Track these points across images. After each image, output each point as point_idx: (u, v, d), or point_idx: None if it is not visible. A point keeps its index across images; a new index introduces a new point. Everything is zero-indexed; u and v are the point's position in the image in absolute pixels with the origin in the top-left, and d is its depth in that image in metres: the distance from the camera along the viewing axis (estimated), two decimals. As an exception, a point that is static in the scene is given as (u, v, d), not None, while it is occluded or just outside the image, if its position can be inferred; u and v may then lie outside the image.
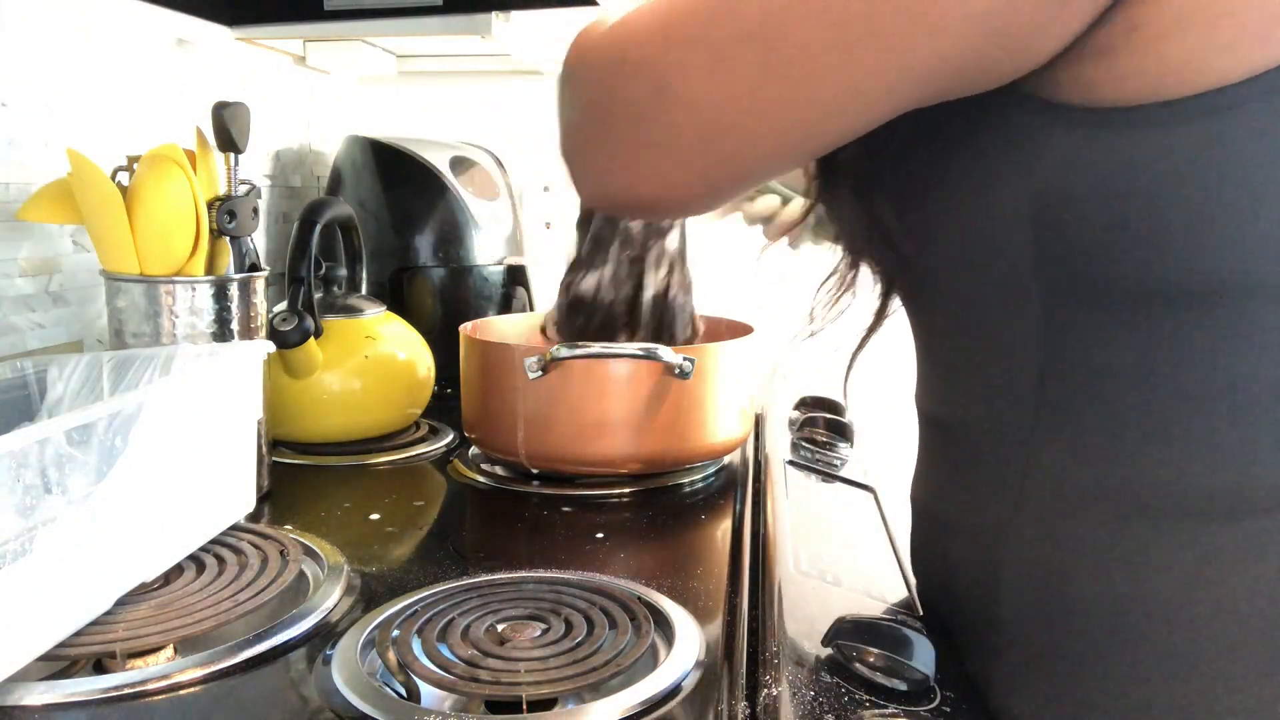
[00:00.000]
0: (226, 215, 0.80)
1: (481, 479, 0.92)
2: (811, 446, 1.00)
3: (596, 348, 0.84)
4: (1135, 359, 0.48)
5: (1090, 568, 0.51)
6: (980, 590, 0.56)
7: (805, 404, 1.12)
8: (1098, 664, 0.51)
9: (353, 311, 1.03)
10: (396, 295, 1.30)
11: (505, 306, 1.36)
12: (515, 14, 1.12)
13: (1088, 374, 0.50)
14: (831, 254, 0.71)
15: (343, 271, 1.07)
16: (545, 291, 1.56)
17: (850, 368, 0.71)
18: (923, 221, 0.56)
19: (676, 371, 0.84)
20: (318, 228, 0.97)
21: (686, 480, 0.91)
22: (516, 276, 1.38)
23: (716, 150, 0.46)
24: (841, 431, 1.04)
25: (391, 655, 0.55)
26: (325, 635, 0.59)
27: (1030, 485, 0.53)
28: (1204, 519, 0.48)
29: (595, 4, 1.11)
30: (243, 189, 0.83)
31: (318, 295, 0.99)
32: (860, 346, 0.68)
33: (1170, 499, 0.48)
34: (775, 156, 0.48)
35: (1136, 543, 0.49)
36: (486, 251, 1.34)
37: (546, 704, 0.51)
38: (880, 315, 0.66)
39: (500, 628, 0.59)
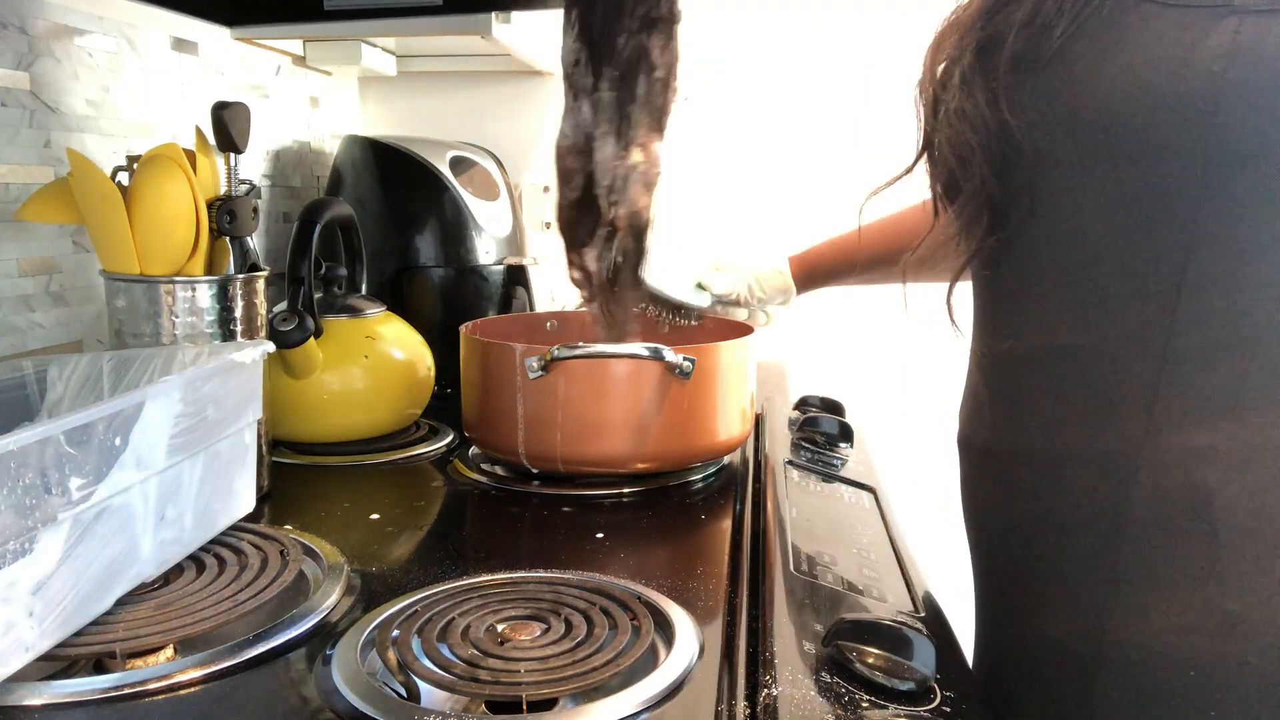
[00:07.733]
0: (226, 215, 0.80)
1: (481, 479, 0.91)
2: (811, 446, 1.00)
3: (597, 348, 0.84)
4: (1268, 268, 0.49)
5: (1232, 475, 0.51)
6: (1103, 517, 0.56)
7: (805, 404, 1.12)
8: (1242, 571, 0.51)
9: (353, 311, 1.03)
10: (396, 295, 1.30)
11: (505, 306, 1.36)
12: (515, 14, 1.13)
13: (1225, 286, 0.50)
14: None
15: (343, 271, 1.07)
16: (545, 291, 1.56)
17: (949, 298, 0.66)
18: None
19: (677, 371, 0.84)
20: (318, 228, 0.97)
21: (686, 480, 0.91)
22: (516, 276, 1.38)
23: None
24: (842, 431, 1.04)
25: (391, 655, 0.55)
26: (325, 635, 0.59)
27: (1162, 404, 0.53)
28: None
29: (595, 4, 1.11)
30: (243, 189, 0.83)
31: (318, 295, 0.99)
32: (959, 273, 0.65)
33: None
34: None
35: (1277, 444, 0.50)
36: (486, 251, 1.34)
37: (546, 704, 0.51)
38: (982, 244, 0.63)
39: (500, 628, 0.59)
